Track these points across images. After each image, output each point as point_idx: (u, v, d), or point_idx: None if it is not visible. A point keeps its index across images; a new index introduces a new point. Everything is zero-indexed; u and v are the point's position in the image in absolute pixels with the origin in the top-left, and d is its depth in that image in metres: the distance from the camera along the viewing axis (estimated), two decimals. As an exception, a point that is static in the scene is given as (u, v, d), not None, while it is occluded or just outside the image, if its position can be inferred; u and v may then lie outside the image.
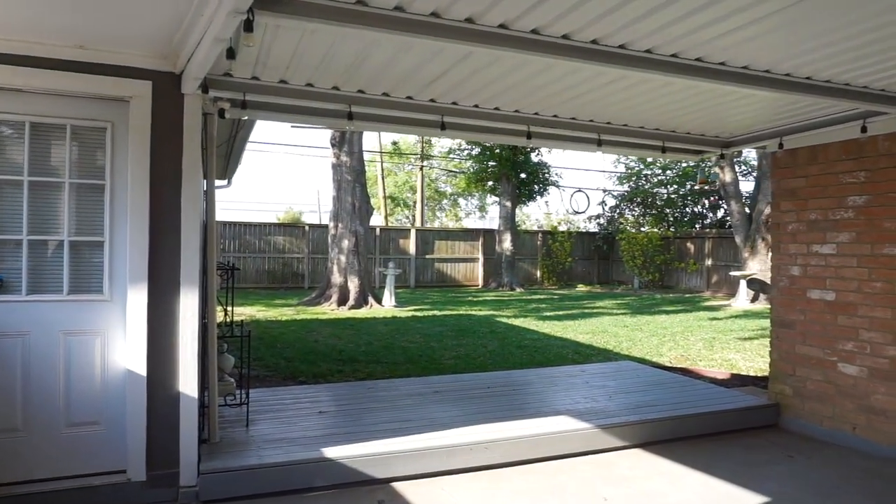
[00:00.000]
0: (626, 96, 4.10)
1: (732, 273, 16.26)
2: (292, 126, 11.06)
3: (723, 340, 10.11)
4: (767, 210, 15.56)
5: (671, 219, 24.69)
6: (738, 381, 6.99)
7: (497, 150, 21.13)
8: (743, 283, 15.60)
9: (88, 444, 3.48)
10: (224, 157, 8.04)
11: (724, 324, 12.29)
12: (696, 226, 23.35)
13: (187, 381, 3.64)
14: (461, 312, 13.80)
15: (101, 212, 3.49)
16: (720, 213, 24.07)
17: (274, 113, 4.21)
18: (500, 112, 4.53)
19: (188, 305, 3.64)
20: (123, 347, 3.53)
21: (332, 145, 14.92)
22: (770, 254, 14.80)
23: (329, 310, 14.05)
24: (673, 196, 24.84)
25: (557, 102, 4.32)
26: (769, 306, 15.09)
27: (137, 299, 3.48)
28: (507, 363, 7.88)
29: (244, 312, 13.09)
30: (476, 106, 4.41)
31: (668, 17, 2.76)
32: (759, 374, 7.37)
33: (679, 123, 5.00)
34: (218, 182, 10.55)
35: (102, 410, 3.51)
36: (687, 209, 25.01)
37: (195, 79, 3.32)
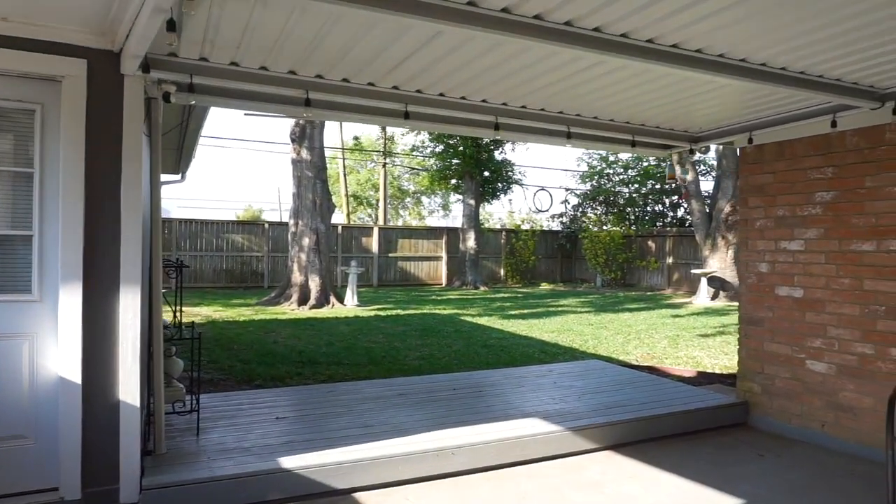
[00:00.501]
0: (599, 85, 3.95)
1: (693, 271, 16.45)
2: (246, 114, 10.62)
3: (686, 338, 10.14)
4: (727, 208, 15.80)
5: (632, 217, 24.94)
6: (705, 378, 6.95)
7: (461, 148, 20.98)
8: (703, 280, 15.80)
9: (15, 460, 3.14)
10: (175, 149, 7.65)
11: (687, 321, 12.37)
12: (658, 224, 23.63)
13: (128, 388, 3.33)
14: (425, 311, 13.59)
15: (30, 203, 3.16)
16: (680, 212, 24.43)
17: (225, 98, 3.91)
18: (467, 101, 4.33)
19: (129, 305, 3.34)
20: (56, 353, 3.20)
21: (293, 140, 14.52)
22: (729, 251, 15.03)
23: (289, 310, 13.66)
24: (634, 195, 25.11)
25: (527, 92, 4.14)
26: (729, 303, 15.34)
27: (70, 299, 3.16)
28: (473, 363, 7.71)
29: (200, 313, 12.62)
30: (442, 94, 4.20)
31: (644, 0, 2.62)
32: (724, 372, 7.37)
33: (649, 116, 4.89)
34: (171, 176, 10.12)
35: (32, 422, 3.18)
36: (648, 208, 25.32)
37: (135, 57, 3.02)
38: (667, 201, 24.41)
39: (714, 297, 15.91)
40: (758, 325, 5.40)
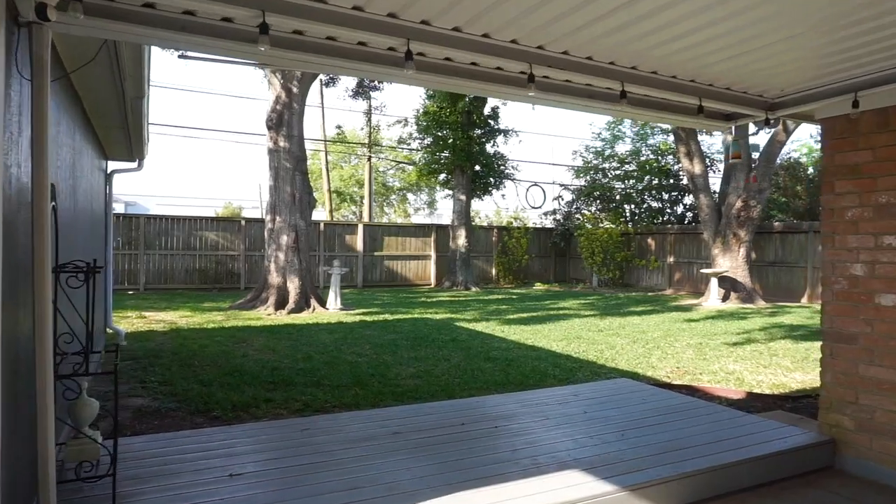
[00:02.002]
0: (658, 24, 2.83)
1: (703, 271, 15.40)
2: (180, 56, 9.15)
3: (712, 346, 9.04)
4: (738, 203, 14.76)
5: (629, 214, 23.91)
6: (758, 402, 5.83)
7: (451, 140, 19.77)
8: (714, 281, 14.74)
9: None
10: (120, 128, 6.36)
11: (704, 326, 11.29)
12: (656, 221, 22.62)
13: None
14: (415, 316, 12.37)
15: None
16: (680, 209, 23.44)
17: (142, 27, 2.66)
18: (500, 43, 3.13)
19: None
20: None
21: (269, 127, 13.21)
22: (741, 250, 13.96)
23: (265, 314, 12.37)
24: (630, 191, 24.07)
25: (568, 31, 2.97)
26: (742, 305, 14.28)
27: None
28: (478, 383, 6.51)
29: (164, 319, 11.30)
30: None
31: None
32: (776, 392, 6.25)
33: (720, 73, 3.72)
34: (124, 164, 8.78)
35: None
36: (644, 205, 24.28)
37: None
38: (665, 196, 23.39)
39: (725, 299, 14.87)
40: (850, 342, 4.26)
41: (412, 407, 5.16)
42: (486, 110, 20.52)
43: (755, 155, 14.92)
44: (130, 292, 17.01)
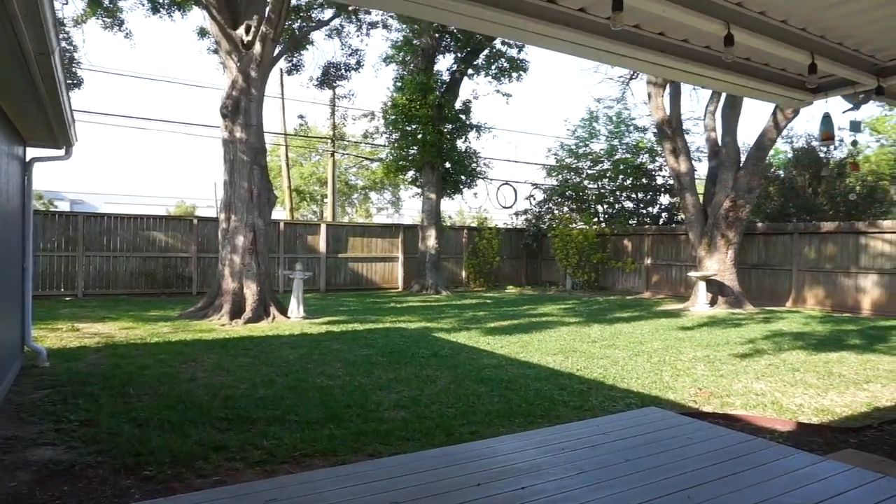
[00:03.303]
0: None
1: (691, 274, 14.65)
2: None
3: (722, 360, 8.17)
4: (727, 203, 14.07)
5: (604, 215, 23.19)
6: (815, 435, 4.91)
7: (421, 135, 18.64)
8: (702, 285, 14.00)
9: None
10: (31, 101, 5.05)
11: (702, 335, 10.46)
12: (631, 222, 21.95)
13: None
14: (388, 325, 11.22)
15: None
16: (654, 209, 22.84)
17: None
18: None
19: None
20: None
21: (224, 116, 11.85)
22: (729, 252, 13.20)
23: (219, 324, 11.03)
24: (603, 191, 23.34)
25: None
26: (732, 310, 13.55)
27: None
28: (478, 414, 5.42)
29: (101, 331, 9.88)
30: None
31: None
32: (827, 421, 5.35)
33: (836, 19, 2.74)
34: (49, 151, 7.38)
35: None
36: (617, 205, 23.57)
37: None
38: (639, 196, 22.74)
39: (713, 304, 14.16)
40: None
41: (408, 459, 4.03)
42: (457, 104, 19.47)
43: (743, 156, 14.32)
44: (67, 298, 15.34)
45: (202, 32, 15.95)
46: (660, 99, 15.21)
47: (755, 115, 61.01)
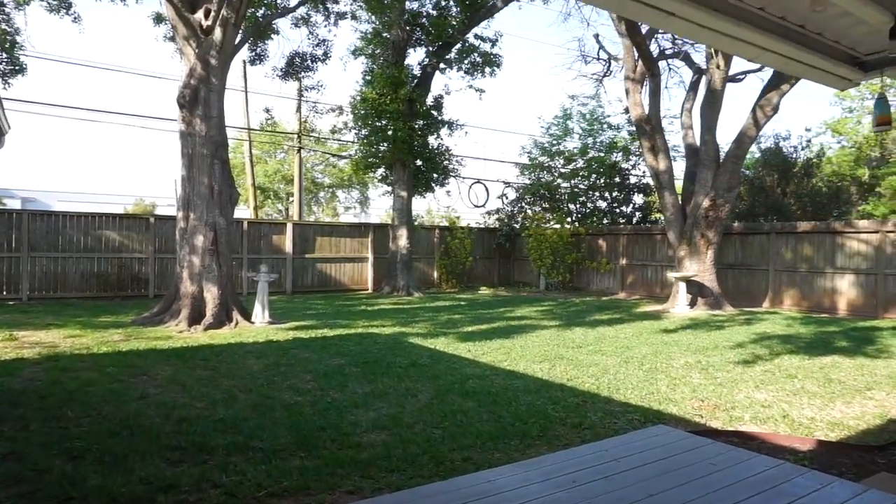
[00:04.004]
0: None
1: (671, 275, 14.33)
2: None
3: (716, 366, 7.77)
4: (706, 203, 13.78)
5: (575, 214, 22.87)
6: (841, 455, 4.47)
7: (391, 131, 17.98)
8: (682, 286, 13.68)
9: None
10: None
11: (687, 338, 10.09)
12: (605, 221, 21.66)
13: None
14: (360, 331, 10.56)
15: None
16: (627, 209, 22.61)
17: None
18: None
19: None
20: None
21: (181, 105, 11.01)
22: (709, 252, 12.88)
23: (176, 331, 10.21)
24: (576, 190, 23.03)
25: None
26: (713, 312, 13.23)
27: None
28: (468, 436, 4.83)
29: (44, 340, 9.00)
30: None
31: None
32: (845, 437, 4.93)
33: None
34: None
35: None
36: (589, 203, 23.28)
37: None
38: (612, 195, 22.48)
39: (692, 305, 13.86)
40: None
41: (395, 501, 3.43)
42: (429, 100, 18.86)
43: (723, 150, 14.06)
44: (11, 303, 14.25)
45: (158, 18, 15.01)
46: (638, 95, 14.86)
47: (730, 115, 61.89)
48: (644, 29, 14.54)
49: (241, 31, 11.85)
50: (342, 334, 10.08)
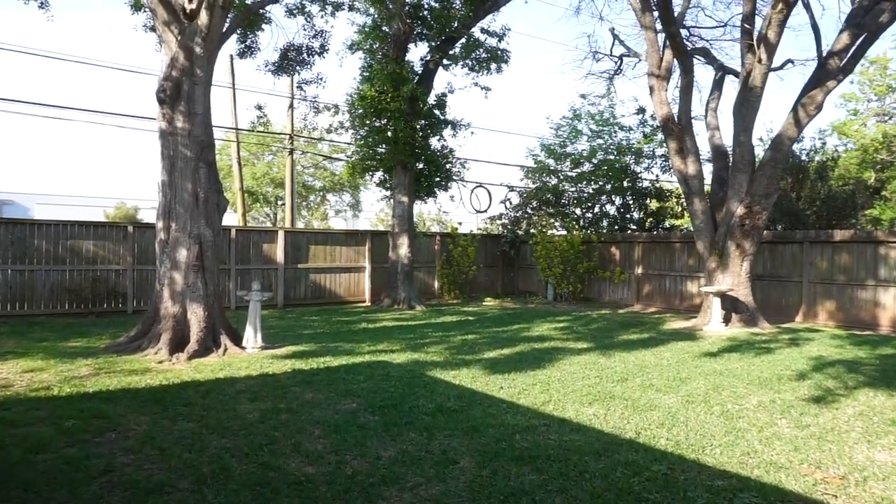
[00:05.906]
0: None
1: (704, 289, 13.16)
2: None
3: (797, 407, 6.56)
4: (741, 210, 12.63)
5: (584, 220, 21.70)
6: None
7: (392, 132, 16.69)
8: (717, 301, 12.51)
9: None
10: None
11: (741, 366, 8.89)
12: (616, 228, 20.50)
13: None
14: (367, 359, 9.25)
15: None
16: (637, 214, 21.46)
17: None
18: None
19: None
20: None
21: (161, 101, 9.64)
22: (744, 264, 11.60)
23: (156, 361, 8.85)
24: (584, 195, 21.85)
25: None
26: (752, 331, 11.93)
27: None
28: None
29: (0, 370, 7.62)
30: None
31: None
32: None
33: None
34: None
35: None
36: (596, 209, 22.12)
37: None
38: (624, 199, 21.32)
39: (727, 321, 12.69)
40: None
41: None
42: (431, 98, 17.59)
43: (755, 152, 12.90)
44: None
45: (137, 5, 13.61)
46: (663, 93, 13.70)
47: (729, 115, 60.93)
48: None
49: (229, 18, 10.51)
50: (347, 364, 8.77)
